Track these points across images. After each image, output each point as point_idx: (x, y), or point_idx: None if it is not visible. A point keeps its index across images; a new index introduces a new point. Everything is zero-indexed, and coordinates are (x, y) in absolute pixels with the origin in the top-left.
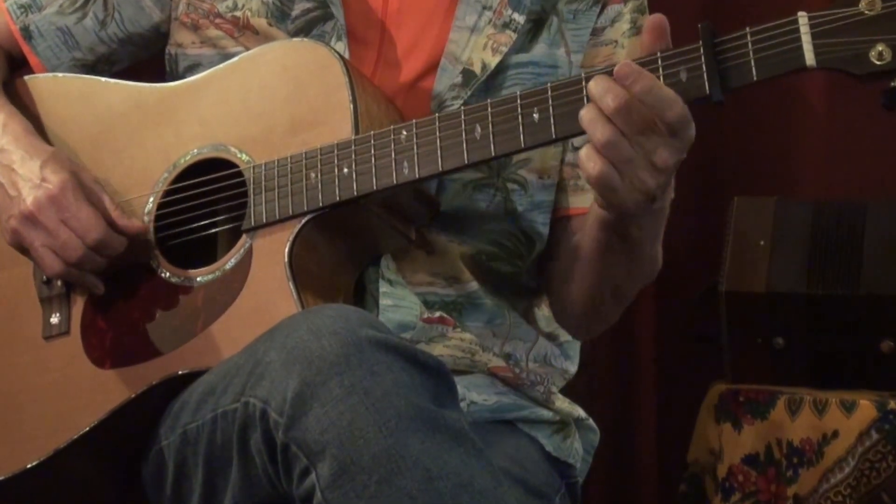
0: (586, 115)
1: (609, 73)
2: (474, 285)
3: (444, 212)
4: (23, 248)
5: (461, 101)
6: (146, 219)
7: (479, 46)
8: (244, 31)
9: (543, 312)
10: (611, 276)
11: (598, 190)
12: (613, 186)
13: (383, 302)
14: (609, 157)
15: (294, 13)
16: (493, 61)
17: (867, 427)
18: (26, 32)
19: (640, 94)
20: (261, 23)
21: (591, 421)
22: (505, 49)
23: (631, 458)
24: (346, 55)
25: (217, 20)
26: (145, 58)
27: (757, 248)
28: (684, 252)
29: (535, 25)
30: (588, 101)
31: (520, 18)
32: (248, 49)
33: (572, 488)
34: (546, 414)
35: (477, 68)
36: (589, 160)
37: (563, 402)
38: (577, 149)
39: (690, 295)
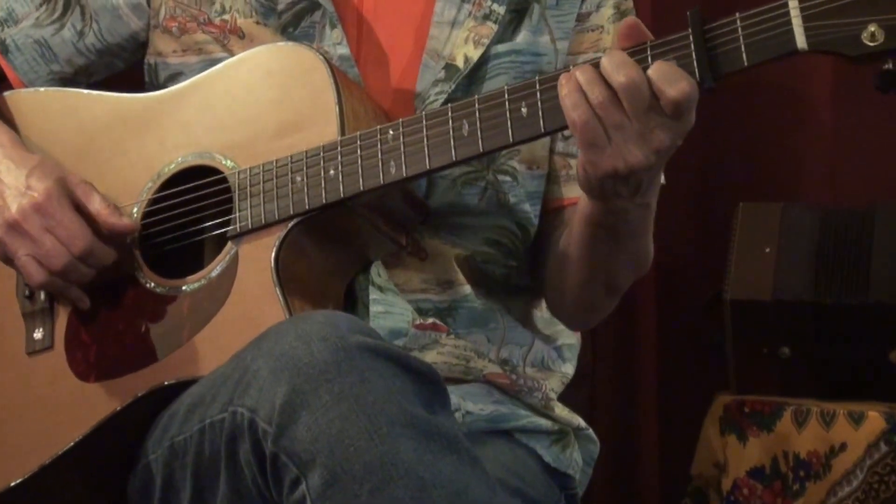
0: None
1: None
2: (468, 289)
3: (436, 211)
4: (8, 259)
5: (445, 97)
6: None
7: (460, 40)
8: (230, 36)
9: (542, 314)
10: (602, 271)
11: (581, 143)
12: (598, 144)
13: (374, 309)
14: (601, 118)
15: (280, 7)
16: (476, 54)
17: (876, 439)
18: (3, 46)
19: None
20: (248, 23)
21: (590, 431)
22: (486, 41)
23: (632, 471)
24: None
25: (205, 26)
26: (122, 69)
27: (762, 255)
28: (688, 259)
29: (517, 14)
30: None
31: (500, 9)
32: (233, 55)
33: (571, 500)
34: (544, 423)
35: (459, 62)
36: (575, 108)
37: (562, 410)
38: (566, 138)
39: (694, 303)
